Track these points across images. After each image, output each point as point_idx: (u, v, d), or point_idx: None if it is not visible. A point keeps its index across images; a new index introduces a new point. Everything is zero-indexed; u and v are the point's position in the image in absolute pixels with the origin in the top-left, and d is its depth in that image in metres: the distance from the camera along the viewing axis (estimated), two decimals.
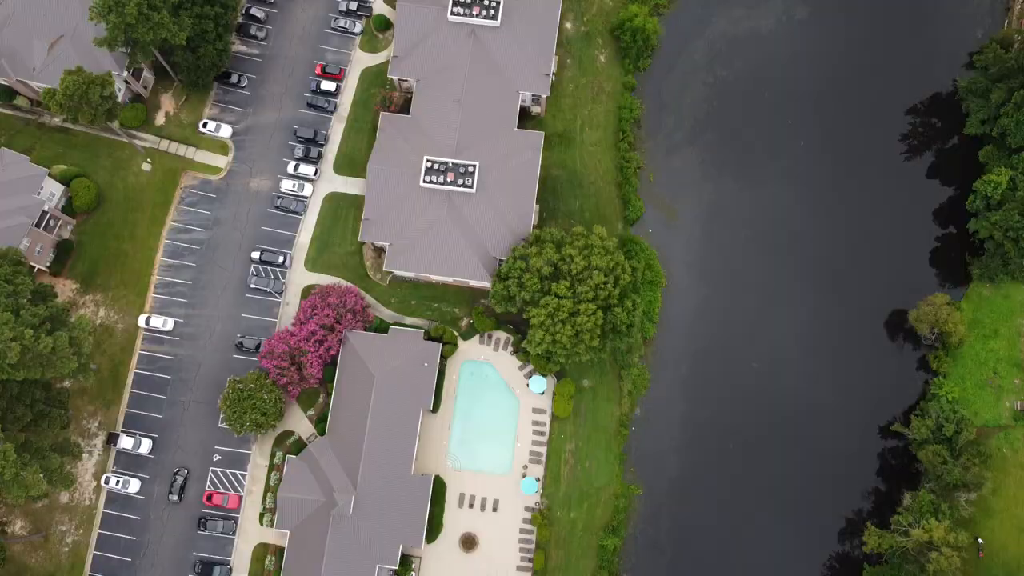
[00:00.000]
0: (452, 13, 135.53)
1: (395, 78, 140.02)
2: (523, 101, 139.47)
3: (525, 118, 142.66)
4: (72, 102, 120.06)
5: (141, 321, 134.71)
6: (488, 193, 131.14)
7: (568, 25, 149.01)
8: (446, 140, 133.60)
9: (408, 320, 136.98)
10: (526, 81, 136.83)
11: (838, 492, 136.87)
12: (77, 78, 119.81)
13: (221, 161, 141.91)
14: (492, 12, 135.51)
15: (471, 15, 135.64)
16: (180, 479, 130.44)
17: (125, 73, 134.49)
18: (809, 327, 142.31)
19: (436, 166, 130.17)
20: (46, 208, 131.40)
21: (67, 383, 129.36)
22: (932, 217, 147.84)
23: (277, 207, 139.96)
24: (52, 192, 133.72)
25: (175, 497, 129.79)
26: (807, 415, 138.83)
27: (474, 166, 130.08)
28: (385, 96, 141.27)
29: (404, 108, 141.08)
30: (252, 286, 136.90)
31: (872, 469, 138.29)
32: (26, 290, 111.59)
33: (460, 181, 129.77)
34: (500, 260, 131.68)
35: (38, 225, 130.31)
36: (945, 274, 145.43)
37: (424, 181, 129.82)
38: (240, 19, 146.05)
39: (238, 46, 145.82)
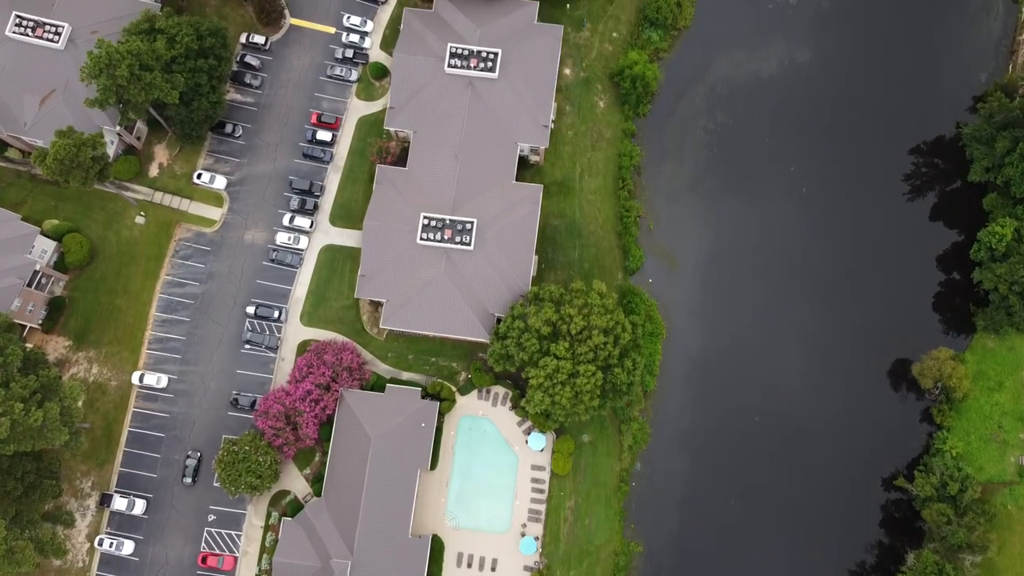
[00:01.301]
0: (449, 65, 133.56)
1: (392, 130, 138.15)
2: (521, 151, 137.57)
3: (523, 166, 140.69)
4: (63, 166, 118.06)
5: (135, 378, 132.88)
6: (486, 249, 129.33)
7: (567, 71, 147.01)
8: (443, 194, 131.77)
9: (405, 375, 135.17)
10: (525, 133, 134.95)
11: (842, 546, 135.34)
12: (68, 141, 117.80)
13: (215, 213, 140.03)
14: (490, 65, 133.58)
15: (468, 67, 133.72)
16: (193, 462, 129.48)
17: (117, 127, 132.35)
18: (811, 376, 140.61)
19: (433, 223, 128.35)
20: (38, 267, 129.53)
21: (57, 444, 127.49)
22: (936, 263, 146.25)
23: (272, 260, 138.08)
24: (44, 250, 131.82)
25: (189, 480, 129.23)
26: (809, 468, 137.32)
27: (472, 223, 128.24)
28: (381, 147, 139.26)
29: (401, 156, 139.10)
30: (247, 342, 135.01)
31: (875, 521, 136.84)
32: (16, 360, 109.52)
33: (458, 238, 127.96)
34: (498, 317, 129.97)
35: (30, 284, 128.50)
36: (949, 322, 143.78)
37: (421, 238, 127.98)
38: (234, 67, 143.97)
39: (232, 94, 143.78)
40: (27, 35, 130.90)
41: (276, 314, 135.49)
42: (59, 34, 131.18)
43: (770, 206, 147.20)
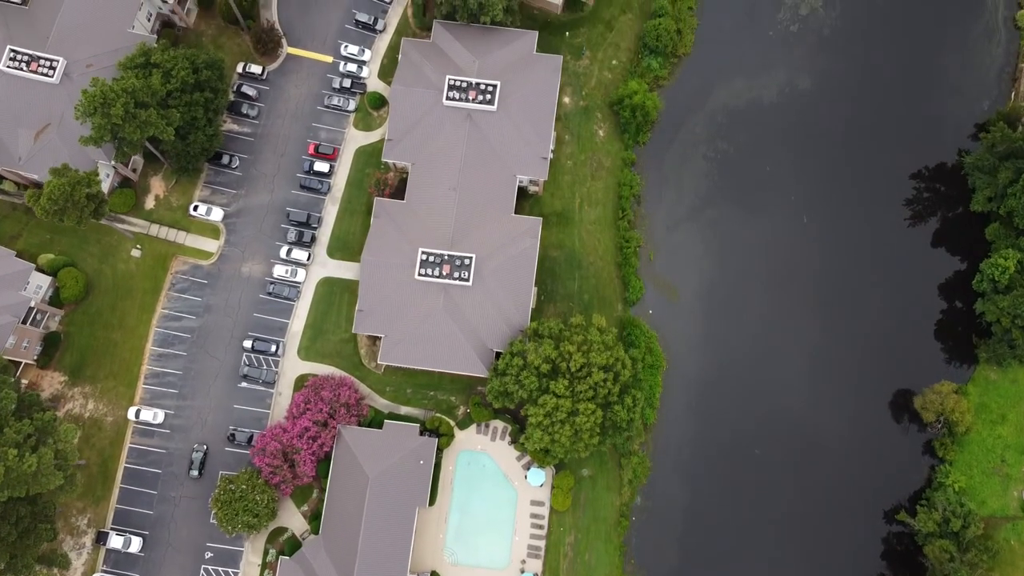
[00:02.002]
0: (447, 98, 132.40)
1: (390, 161, 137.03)
2: (520, 182, 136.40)
3: (522, 197, 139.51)
4: (57, 206, 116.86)
5: (131, 414, 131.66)
6: (485, 284, 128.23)
7: (567, 99, 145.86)
8: (442, 228, 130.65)
9: (403, 409, 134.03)
10: (524, 165, 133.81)
11: None
12: (62, 180, 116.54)
13: (212, 245, 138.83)
14: (488, 97, 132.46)
15: (467, 100, 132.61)
16: (199, 455, 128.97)
17: (113, 161, 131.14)
18: (812, 408, 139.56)
19: (432, 258, 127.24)
20: (32, 303, 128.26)
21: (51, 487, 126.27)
22: (938, 292, 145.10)
23: (270, 293, 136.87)
24: (39, 285, 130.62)
25: (196, 473, 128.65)
26: (810, 501, 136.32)
27: (470, 258, 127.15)
28: (379, 179, 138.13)
29: (400, 187, 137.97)
30: (244, 376, 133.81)
31: (877, 555, 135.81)
32: (10, 403, 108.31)
33: (456, 274, 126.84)
34: (498, 352, 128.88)
35: (24, 321, 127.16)
36: (951, 351, 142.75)
37: (419, 274, 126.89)
38: (231, 97, 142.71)
39: (229, 125, 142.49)
40: (21, 69, 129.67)
41: (273, 348, 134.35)
42: (54, 68, 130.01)
43: (771, 235, 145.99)
